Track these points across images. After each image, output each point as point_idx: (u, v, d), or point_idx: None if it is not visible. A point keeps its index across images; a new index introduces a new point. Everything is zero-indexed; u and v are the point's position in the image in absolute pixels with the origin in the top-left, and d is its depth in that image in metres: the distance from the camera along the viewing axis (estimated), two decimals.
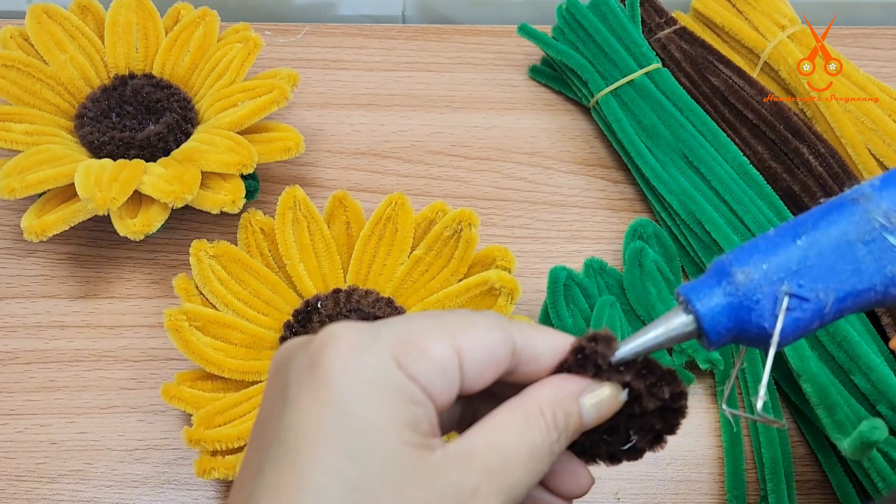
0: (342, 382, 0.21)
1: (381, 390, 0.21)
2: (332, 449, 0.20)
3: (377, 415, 0.20)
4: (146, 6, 0.47)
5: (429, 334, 0.22)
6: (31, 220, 0.40)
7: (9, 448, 0.38)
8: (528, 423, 0.23)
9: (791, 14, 0.51)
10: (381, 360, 0.21)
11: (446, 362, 0.22)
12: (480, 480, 0.21)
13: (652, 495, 0.38)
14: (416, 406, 0.21)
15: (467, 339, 0.22)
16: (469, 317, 0.23)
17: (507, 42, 0.55)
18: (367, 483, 0.20)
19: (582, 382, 0.24)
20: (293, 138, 0.43)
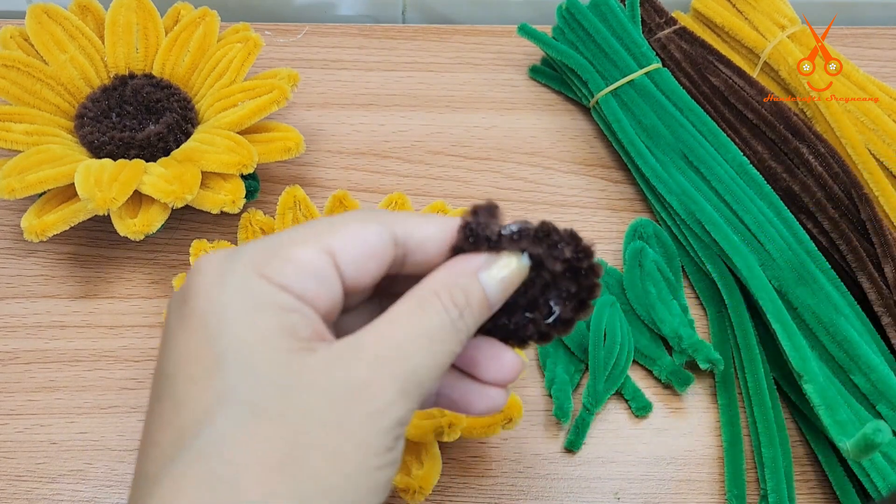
0: (208, 307, 0.21)
1: (248, 306, 0.21)
2: (206, 372, 0.20)
3: (246, 330, 0.20)
4: (146, 6, 0.47)
5: (294, 242, 0.22)
6: (31, 220, 0.40)
7: (9, 448, 0.38)
8: (421, 307, 0.22)
9: (791, 14, 0.51)
10: (243, 276, 0.21)
11: (318, 265, 0.21)
12: (370, 371, 0.21)
13: (652, 495, 0.38)
14: (288, 313, 0.21)
15: (338, 239, 0.22)
16: (340, 218, 0.23)
17: (507, 42, 0.55)
18: (242, 397, 0.20)
19: (478, 258, 0.23)
20: (293, 138, 0.43)
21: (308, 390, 0.20)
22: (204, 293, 0.21)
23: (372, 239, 0.22)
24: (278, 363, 0.20)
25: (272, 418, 0.20)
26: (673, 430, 0.40)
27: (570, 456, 0.39)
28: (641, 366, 0.41)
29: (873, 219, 0.42)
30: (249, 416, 0.20)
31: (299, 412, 0.20)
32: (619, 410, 0.40)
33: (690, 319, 0.42)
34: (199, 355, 0.21)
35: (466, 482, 0.38)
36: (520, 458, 0.39)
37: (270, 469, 0.19)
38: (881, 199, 0.44)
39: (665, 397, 0.41)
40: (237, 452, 0.19)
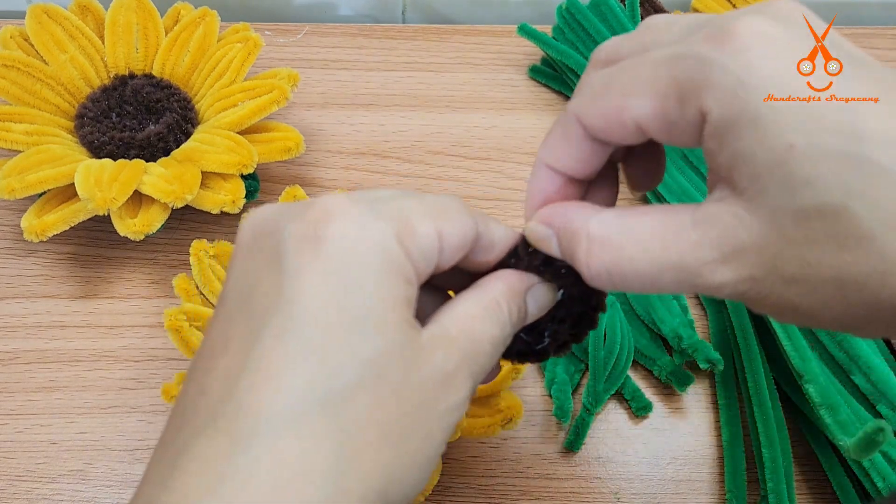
0: (349, 256, 0.21)
1: (385, 267, 0.21)
2: (341, 326, 0.20)
3: (381, 292, 0.21)
4: (146, 6, 0.47)
5: (419, 216, 0.22)
6: (31, 220, 0.40)
7: (9, 448, 0.38)
8: (490, 315, 0.23)
9: None
10: (385, 236, 0.21)
11: (432, 244, 0.22)
12: (457, 364, 0.22)
13: (652, 495, 0.38)
14: (410, 286, 0.22)
15: (446, 223, 0.22)
16: (444, 201, 0.23)
17: (507, 42, 0.55)
18: (373, 359, 0.20)
19: (530, 278, 0.25)
20: (293, 138, 0.43)
21: (419, 366, 0.21)
22: (348, 241, 0.21)
23: (465, 231, 0.23)
24: (403, 333, 0.21)
25: (393, 385, 0.20)
26: (673, 430, 0.40)
27: (570, 456, 0.39)
28: (641, 366, 0.41)
29: None
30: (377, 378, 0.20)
31: (412, 385, 0.21)
32: (619, 410, 0.40)
33: (690, 319, 0.42)
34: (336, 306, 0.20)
35: (466, 482, 0.38)
36: (520, 458, 0.39)
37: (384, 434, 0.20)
38: None
39: (665, 397, 0.41)
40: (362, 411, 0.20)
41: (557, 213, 0.24)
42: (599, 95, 0.23)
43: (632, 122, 0.22)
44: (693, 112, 0.20)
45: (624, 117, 0.22)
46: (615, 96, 0.22)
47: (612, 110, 0.22)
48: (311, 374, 0.20)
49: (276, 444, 0.19)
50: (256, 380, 0.20)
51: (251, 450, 0.19)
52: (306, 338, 0.20)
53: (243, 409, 0.19)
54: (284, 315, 0.20)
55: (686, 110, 0.21)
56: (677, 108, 0.21)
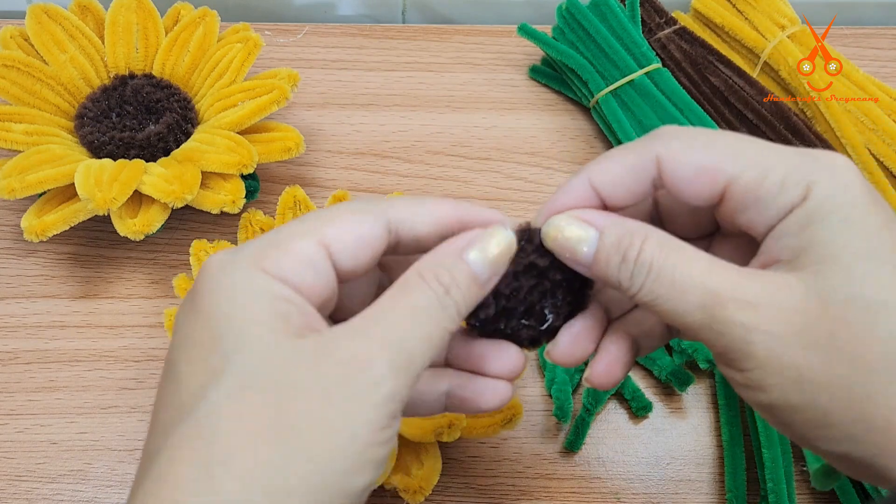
0: (211, 298, 0.22)
1: (246, 295, 0.22)
2: (204, 355, 0.22)
3: (241, 314, 0.22)
4: (146, 6, 0.47)
5: (292, 236, 0.23)
6: (31, 220, 0.40)
7: (9, 448, 0.38)
8: (407, 287, 0.23)
9: (791, 14, 0.51)
10: (243, 269, 0.22)
11: (312, 256, 0.23)
12: (360, 347, 0.22)
13: (652, 495, 0.38)
14: (282, 302, 0.22)
15: (332, 230, 0.23)
16: (335, 209, 0.24)
17: (507, 42, 0.55)
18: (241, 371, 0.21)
19: (462, 238, 0.24)
20: (293, 138, 0.43)
21: (297, 367, 0.21)
22: (207, 287, 0.23)
23: (364, 230, 0.24)
24: (269, 343, 0.21)
25: (262, 390, 0.21)
26: (673, 430, 0.40)
27: (570, 456, 0.39)
28: (641, 366, 0.41)
29: None
30: (240, 388, 0.21)
31: (288, 385, 0.21)
32: (619, 410, 0.40)
33: None
34: (199, 339, 0.22)
35: (466, 482, 0.38)
36: (520, 458, 0.39)
37: (260, 438, 0.20)
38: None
39: (665, 397, 0.41)
40: (228, 423, 0.20)
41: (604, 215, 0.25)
42: (697, 149, 0.24)
43: (723, 184, 0.23)
44: (794, 196, 0.23)
45: (718, 178, 0.23)
46: (716, 156, 0.23)
47: (709, 167, 0.23)
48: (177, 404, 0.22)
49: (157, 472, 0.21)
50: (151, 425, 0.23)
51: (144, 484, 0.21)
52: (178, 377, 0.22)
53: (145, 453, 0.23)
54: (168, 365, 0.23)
55: (787, 193, 0.23)
56: (778, 188, 0.23)
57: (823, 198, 0.22)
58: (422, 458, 0.35)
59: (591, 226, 0.24)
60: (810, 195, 0.22)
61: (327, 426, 0.20)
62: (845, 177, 0.23)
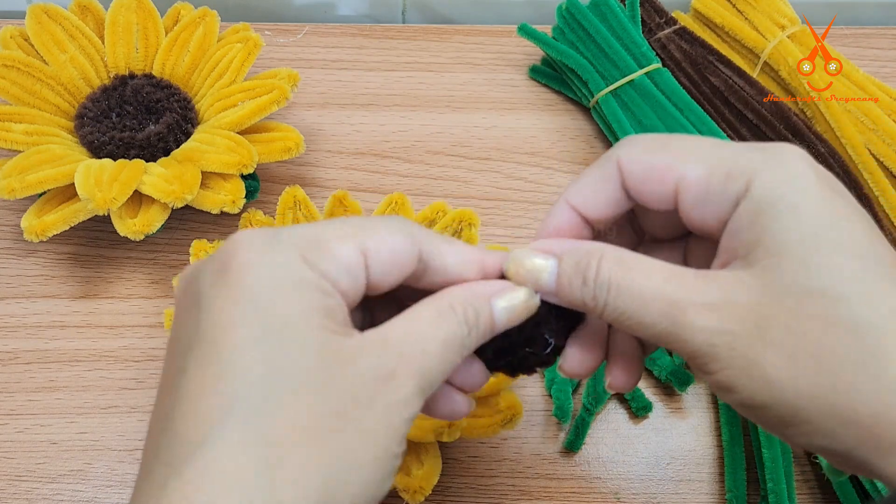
0: (254, 279, 0.21)
1: (293, 284, 0.21)
2: (253, 340, 0.21)
3: (292, 306, 0.21)
4: (146, 6, 0.47)
5: (334, 236, 0.23)
6: (31, 220, 0.40)
7: (9, 448, 0.38)
8: (441, 315, 0.24)
9: (791, 14, 0.51)
10: (288, 258, 0.22)
11: (352, 261, 0.23)
12: (397, 363, 0.22)
13: (652, 495, 0.38)
14: (328, 297, 0.22)
15: (372, 241, 0.23)
16: (375, 221, 0.24)
17: (507, 42, 0.55)
18: (289, 368, 0.21)
19: (495, 285, 0.25)
20: (293, 138, 0.43)
21: (346, 368, 0.21)
22: (248, 266, 0.22)
23: (399, 248, 0.24)
24: (322, 339, 0.21)
25: (315, 389, 0.21)
26: (673, 430, 0.40)
27: (570, 456, 0.39)
28: None
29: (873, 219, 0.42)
30: (296, 385, 0.21)
31: (338, 387, 0.21)
32: (619, 410, 0.40)
33: None
34: (246, 324, 0.21)
35: (466, 482, 0.38)
36: (520, 458, 0.39)
37: (311, 436, 0.20)
38: (881, 199, 0.44)
39: (665, 397, 0.41)
40: (284, 418, 0.20)
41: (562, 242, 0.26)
42: (651, 151, 0.25)
43: (674, 182, 0.24)
44: (738, 187, 0.23)
45: (668, 176, 0.24)
46: (668, 156, 0.24)
47: (659, 166, 0.24)
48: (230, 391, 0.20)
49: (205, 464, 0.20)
50: (186, 409, 0.21)
51: (183, 474, 0.20)
52: (223, 360, 0.21)
53: (177, 438, 0.21)
54: (203, 344, 0.21)
55: (731, 184, 0.23)
56: (723, 181, 0.23)
57: (767, 187, 0.22)
58: (422, 458, 0.35)
59: (549, 255, 0.25)
60: (752, 185, 0.23)
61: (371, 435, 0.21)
62: (793, 166, 0.23)
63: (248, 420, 0.20)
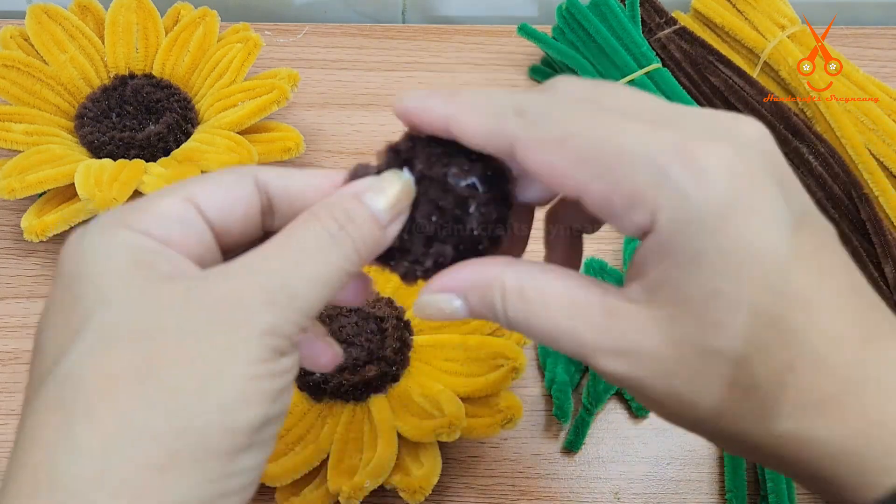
0: (70, 261, 0.22)
1: (106, 251, 0.21)
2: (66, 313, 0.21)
3: (101, 269, 0.21)
4: (146, 6, 0.47)
5: (157, 196, 0.23)
6: (32, 220, 0.40)
7: (9, 448, 0.38)
8: (295, 226, 0.22)
9: (791, 14, 0.51)
10: (102, 229, 0.22)
11: (178, 211, 0.22)
12: (235, 284, 0.21)
13: (652, 495, 0.38)
14: (146, 252, 0.21)
15: (199, 187, 0.23)
16: (206, 174, 0.24)
17: (507, 42, 0.55)
18: (102, 322, 0.20)
19: (360, 183, 0.24)
20: (293, 138, 0.43)
21: (166, 310, 0.20)
22: (67, 252, 0.22)
23: (231, 185, 0.23)
24: (134, 290, 0.21)
25: (125, 338, 0.20)
26: (673, 430, 0.40)
27: (570, 456, 0.39)
28: None
29: (873, 219, 0.42)
30: (102, 339, 0.20)
31: (155, 330, 0.20)
32: (619, 410, 0.40)
33: None
34: (61, 303, 0.21)
35: (466, 482, 0.38)
36: (520, 458, 0.39)
37: (124, 387, 0.19)
38: (881, 199, 0.44)
39: None
40: (88, 374, 0.20)
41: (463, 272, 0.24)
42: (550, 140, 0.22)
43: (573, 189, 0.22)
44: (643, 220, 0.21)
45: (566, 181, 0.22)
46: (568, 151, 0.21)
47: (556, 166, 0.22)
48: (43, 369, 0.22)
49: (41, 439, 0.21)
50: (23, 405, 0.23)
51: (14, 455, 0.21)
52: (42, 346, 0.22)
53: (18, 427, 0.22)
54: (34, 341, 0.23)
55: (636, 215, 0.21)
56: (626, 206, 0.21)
57: (670, 230, 0.20)
58: (422, 459, 0.35)
59: (452, 293, 0.23)
60: (656, 225, 0.21)
61: (194, 365, 0.20)
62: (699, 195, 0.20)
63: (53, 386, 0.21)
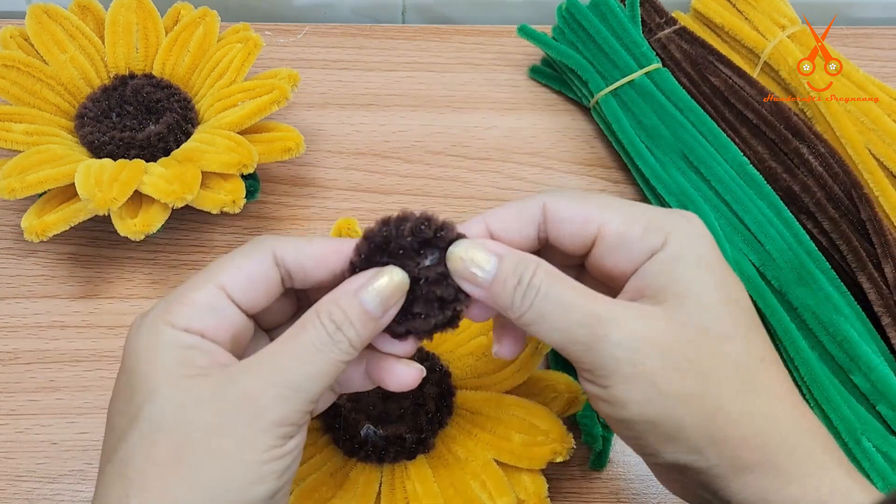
0: (129, 356, 0.27)
1: (153, 348, 0.26)
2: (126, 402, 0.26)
3: (150, 366, 0.26)
4: (146, 6, 0.47)
5: (190, 289, 0.27)
6: (32, 220, 0.40)
7: (9, 448, 0.38)
8: (302, 327, 0.26)
9: (791, 14, 0.51)
10: (151, 325, 0.26)
11: (211, 301, 0.27)
12: (253, 382, 0.25)
13: (652, 495, 0.38)
14: (186, 349, 0.26)
15: (225, 275, 0.27)
16: (229, 256, 0.28)
17: (507, 42, 0.55)
18: (150, 415, 0.25)
19: (358, 279, 0.27)
20: (293, 138, 0.43)
21: (198, 405, 0.25)
22: (127, 347, 0.27)
23: (253, 268, 0.27)
24: (174, 387, 0.25)
25: (167, 430, 0.25)
26: None
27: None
28: None
29: (873, 219, 0.42)
30: (149, 430, 0.25)
31: (189, 423, 0.25)
32: None
33: None
34: (122, 392, 0.26)
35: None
36: None
37: (165, 468, 0.24)
38: (881, 199, 0.44)
39: None
40: (140, 458, 0.25)
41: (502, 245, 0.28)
42: (576, 199, 0.29)
43: (595, 228, 0.28)
44: (656, 241, 0.27)
45: (590, 222, 0.28)
46: (590, 205, 0.28)
47: (583, 212, 0.28)
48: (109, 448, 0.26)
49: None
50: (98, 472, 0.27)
51: None
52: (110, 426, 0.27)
53: None
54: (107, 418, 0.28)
55: (649, 237, 0.27)
56: (640, 234, 0.27)
57: (680, 245, 0.27)
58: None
59: (492, 253, 0.27)
60: (669, 241, 0.27)
61: (219, 453, 0.24)
62: (696, 230, 0.28)
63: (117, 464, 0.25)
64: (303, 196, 0.47)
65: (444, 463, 0.34)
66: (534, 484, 0.33)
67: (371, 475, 0.34)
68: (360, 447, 0.34)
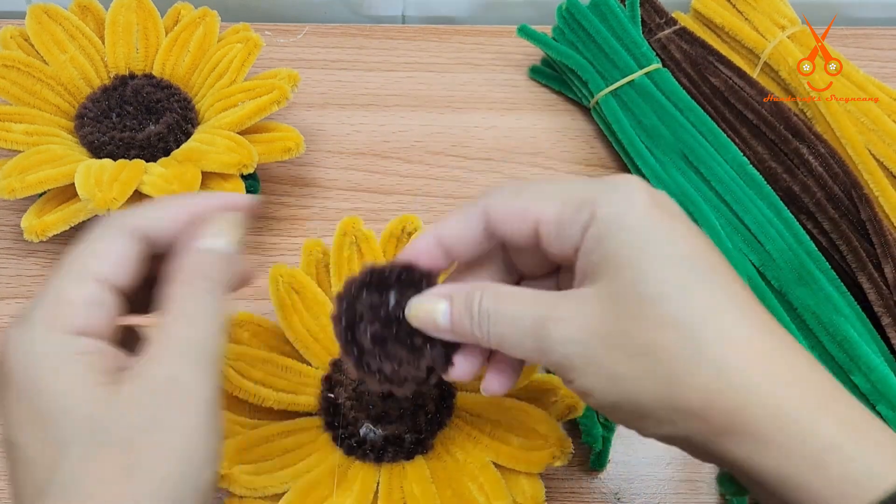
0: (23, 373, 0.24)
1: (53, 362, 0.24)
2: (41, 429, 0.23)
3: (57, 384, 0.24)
4: (146, 6, 0.47)
5: (68, 285, 0.25)
6: (32, 220, 0.40)
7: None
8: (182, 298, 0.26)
9: (791, 14, 0.51)
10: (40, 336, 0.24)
11: (92, 295, 0.25)
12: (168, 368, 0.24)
13: (652, 495, 0.38)
14: (85, 356, 0.24)
15: (95, 262, 0.26)
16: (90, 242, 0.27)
17: (507, 42, 0.55)
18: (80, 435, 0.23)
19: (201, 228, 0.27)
20: (293, 138, 0.43)
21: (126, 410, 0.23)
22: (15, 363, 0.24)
23: (116, 247, 0.26)
24: (95, 398, 0.24)
25: (108, 443, 0.23)
26: None
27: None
28: None
29: (873, 219, 0.42)
30: (88, 448, 0.23)
31: (126, 428, 0.23)
32: None
33: None
34: (31, 419, 0.24)
35: None
36: None
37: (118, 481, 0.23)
38: (881, 199, 0.44)
39: None
40: (87, 478, 0.23)
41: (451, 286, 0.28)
42: (513, 196, 0.28)
43: (534, 221, 0.27)
44: (585, 216, 0.26)
45: (528, 216, 0.27)
46: (525, 199, 0.28)
47: (520, 208, 0.28)
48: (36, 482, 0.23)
49: None
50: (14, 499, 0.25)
51: None
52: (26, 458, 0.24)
53: None
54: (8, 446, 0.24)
55: (579, 215, 0.26)
56: (573, 213, 0.26)
57: (607, 215, 0.26)
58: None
59: (440, 298, 0.28)
60: (596, 214, 0.26)
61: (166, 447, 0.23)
62: (629, 194, 0.26)
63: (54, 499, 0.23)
64: (303, 196, 0.47)
65: (443, 464, 0.34)
66: (531, 487, 0.33)
67: (369, 475, 0.34)
68: (358, 446, 0.34)
